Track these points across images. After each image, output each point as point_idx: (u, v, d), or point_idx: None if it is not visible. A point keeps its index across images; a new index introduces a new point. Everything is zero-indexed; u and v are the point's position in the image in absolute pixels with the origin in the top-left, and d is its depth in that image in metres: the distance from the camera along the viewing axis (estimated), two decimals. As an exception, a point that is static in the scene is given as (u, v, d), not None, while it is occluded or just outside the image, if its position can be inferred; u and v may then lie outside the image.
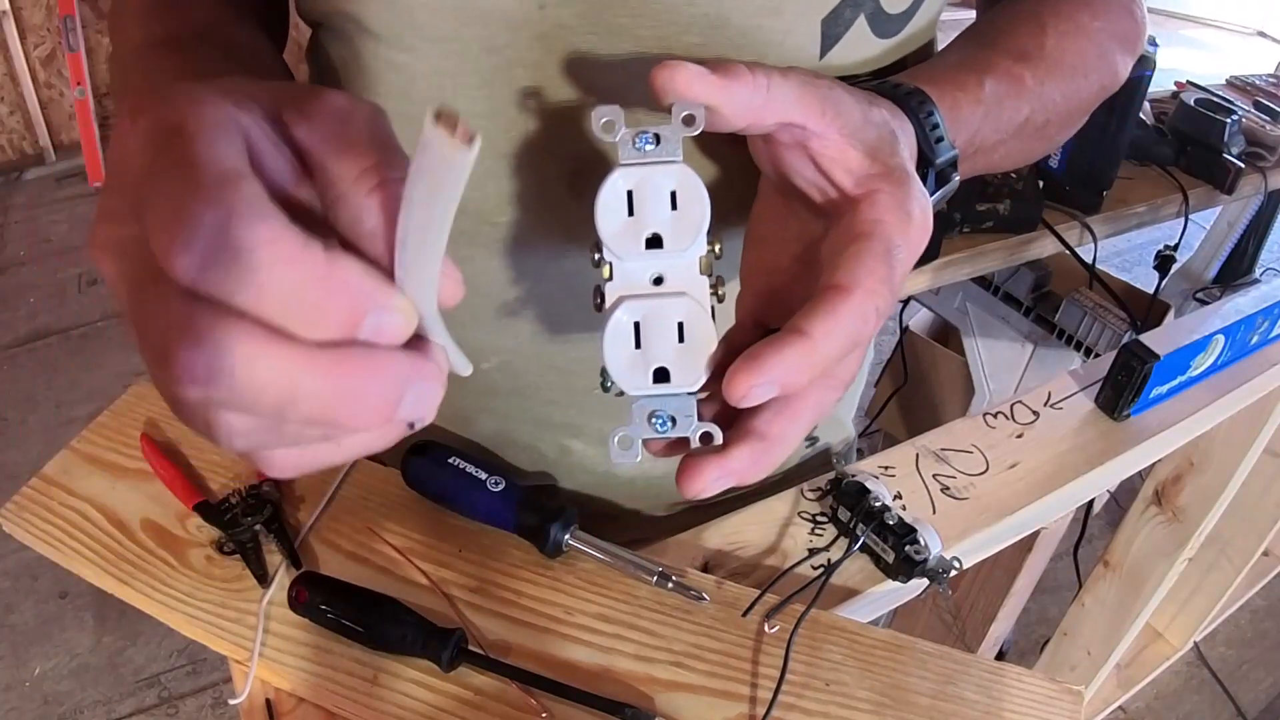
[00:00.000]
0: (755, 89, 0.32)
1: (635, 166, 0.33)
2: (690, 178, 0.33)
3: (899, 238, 0.32)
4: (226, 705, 1.55)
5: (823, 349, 0.30)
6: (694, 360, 0.32)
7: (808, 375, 0.31)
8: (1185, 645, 1.51)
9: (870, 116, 0.35)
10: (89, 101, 2.78)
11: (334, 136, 0.26)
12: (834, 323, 0.31)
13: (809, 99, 0.33)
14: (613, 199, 0.33)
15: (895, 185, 0.33)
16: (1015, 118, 0.45)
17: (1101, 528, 1.82)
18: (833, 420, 0.68)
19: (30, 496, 0.54)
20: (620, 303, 0.33)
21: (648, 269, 0.33)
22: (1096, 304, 1.39)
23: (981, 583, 0.96)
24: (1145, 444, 0.66)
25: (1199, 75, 1.49)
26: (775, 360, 0.30)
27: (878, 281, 0.31)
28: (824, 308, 0.31)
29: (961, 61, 0.44)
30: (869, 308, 0.31)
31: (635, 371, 0.33)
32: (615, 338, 0.33)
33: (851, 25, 0.43)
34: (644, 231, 0.33)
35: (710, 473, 0.32)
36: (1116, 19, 0.50)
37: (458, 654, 0.45)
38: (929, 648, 0.49)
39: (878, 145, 0.34)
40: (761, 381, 0.30)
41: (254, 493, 0.53)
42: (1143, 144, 1.30)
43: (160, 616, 0.49)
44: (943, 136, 0.39)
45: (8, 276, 2.49)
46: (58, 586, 1.70)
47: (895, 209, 0.33)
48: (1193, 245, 2.04)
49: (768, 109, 0.32)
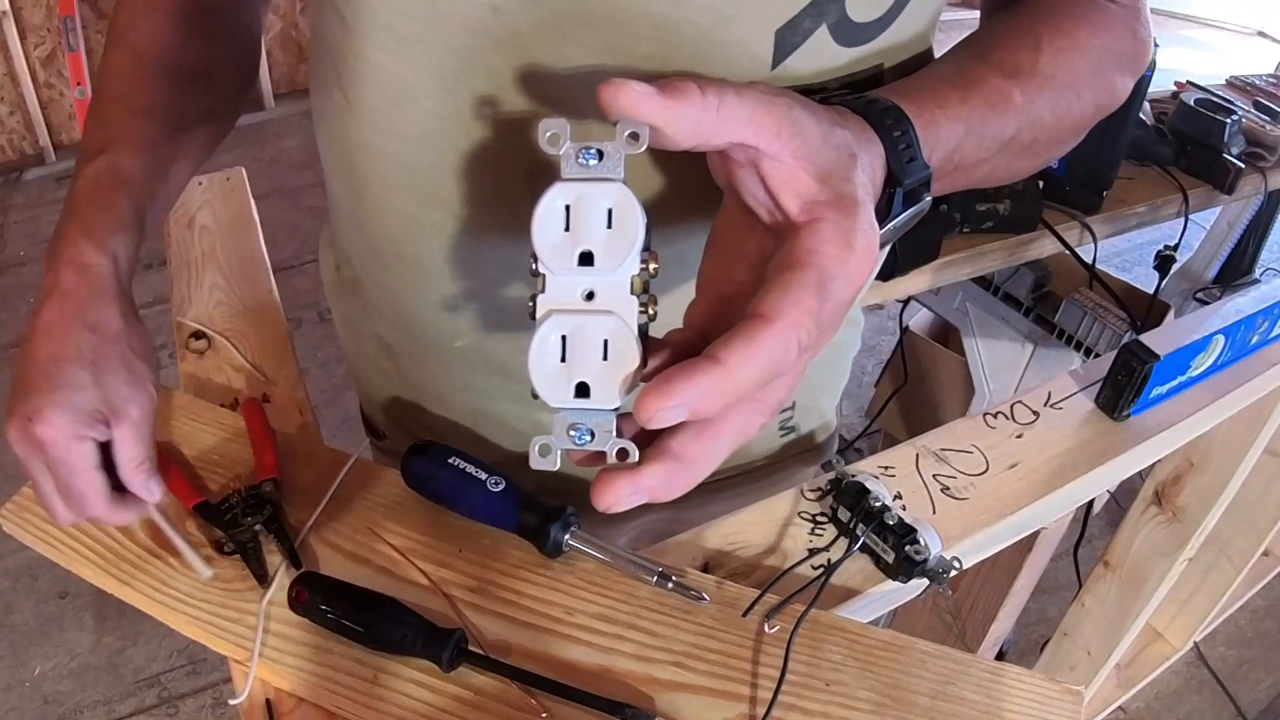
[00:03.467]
0: (704, 109, 0.32)
1: (575, 182, 0.33)
2: (627, 197, 0.33)
3: (836, 269, 0.32)
4: (226, 705, 1.55)
5: (737, 377, 0.30)
6: (615, 379, 0.33)
7: (720, 402, 0.31)
8: (1185, 645, 1.51)
9: (831, 138, 0.35)
10: (89, 102, 2.78)
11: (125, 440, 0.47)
12: (751, 352, 0.30)
13: (764, 119, 0.33)
14: (550, 213, 0.33)
15: (841, 215, 0.33)
16: (1000, 134, 0.44)
17: (1101, 528, 1.82)
18: (810, 409, 0.69)
19: (30, 496, 0.54)
20: (549, 316, 0.33)
21: (579, 285, 0.33)
22: (1096, 304, 1.39)
23: (981, 583, 0.96)
24: (1145, 444, 0.66)
25: (1199, 75, 1.49)
26: (685, 385, 0.30)
27: (803, 313, 0.31)
28: (743, 336, 0.31)
29: (948, 76, 0.44)
30: (790, 339, 0.31)
31: (558, 384, 0.33)
32: (541, 350, 0.33)
33: (811, 35, 0.43)
34: (578, 248, 0.33)
35: (623, 489, 0.33)
36: (1116, 37, 0.49)
37: (458, 654, 0.45)
38: (929, 648, 0.49)
39: (832, 170, 0.34)
40: (669, 405, 0.30)
41: (254, 493, 0.53)
42: (1143, 144, 1.30)
43: (160, 617, 0.49)
44: (915, 156, 0.38)
45: (8, 276, 2.49)
46: (58, 586, 1.70)
47: (836, 239, 0.32)
48: (1193, 245, 2.04)
49: (717, 130, 0.32)
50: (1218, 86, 1.48)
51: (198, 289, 0.76)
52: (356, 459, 0.56)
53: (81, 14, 2.75)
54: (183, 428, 0.59)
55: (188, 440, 0.58)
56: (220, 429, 0.59)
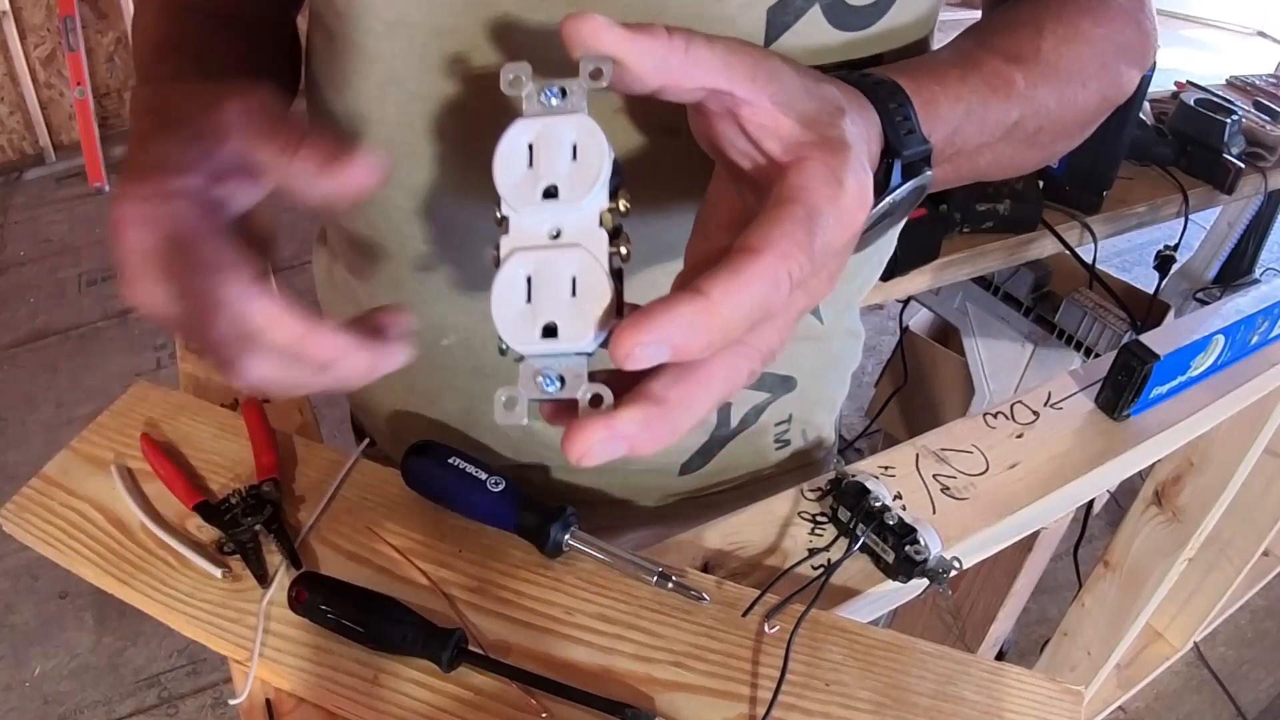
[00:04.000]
0: (671, 49, 0.30)
1: (537, 118, 0.32)
2: (591, 127, 0.31)
3: (827, 205, 0.30)
4: (226, 705, 1.55)
5: (723, 311, 0.28)
6: (585, 315, 0.30)
7: (704, 339, 0.28)
8: (1185, 645, 1.51)
9: (814, 90, 0.33)
10: (89, 101, 2.78)
11: (246, 131, 0.34)
12: (738, 285, 0.28)
13: (737, 65, 0.31)
14: (512, 151, 0.32)
15: (829, 154, 0.31)
16: (1003, 120, 0.43)
17: (1101, 528, 1.82)
18: (807, 423, 0.67)
19: (30, 496, 0.54)
20: (512, 254, 0.31)
21: (544, 222, 0.32)
22: (1096, 304, 1.39)
23: (981, 583, 0.96)
24: (1145, 444, 0.66)
25: (1199, 75, 1.49)
26: (666, 319, 0.27)
27: (793, 245, 0.29)
28: (729, 268, 0.28)
29: (948, 59, 0.43)
30: (780, 271, 0.29)
31: (524, 326, 0.31)
32: (504, 290, 0.31)
33: (803, 15, 0.42)
34: (541, 183, 0.31)
35: (595, 434, 0.29)
36: (1121, 28, 0.49)
37: (458, 654, 0.45)
38: (929, 648, 0.49)
39: (816, 115, 0.32)
40: (648, 340, 0.27)
41: (254, 493, 0.53)
42: (1143, 144, 1.30)
43: (160, 616, 0.49)
44: (913, 129, 0.37)
45: (8, 276, 2.49)
46: (58, 586, 1.70)
47: (825, 176, 0.30)
48: (1193, 245, 2.04)
49: (686, 72, 0.31)
50: (1218, 86, 1.48)
51: (198, 289, 0.76)
52: (356, 459, 0.56)
53: (81, 14, 2.75)
54: (183, 428, 0.59)
55: (188, 440, 0.58)
56: (220, 429, 0.59)
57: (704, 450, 0.63)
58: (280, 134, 0.33)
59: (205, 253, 0.33)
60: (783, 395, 0.62)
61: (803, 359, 0.61)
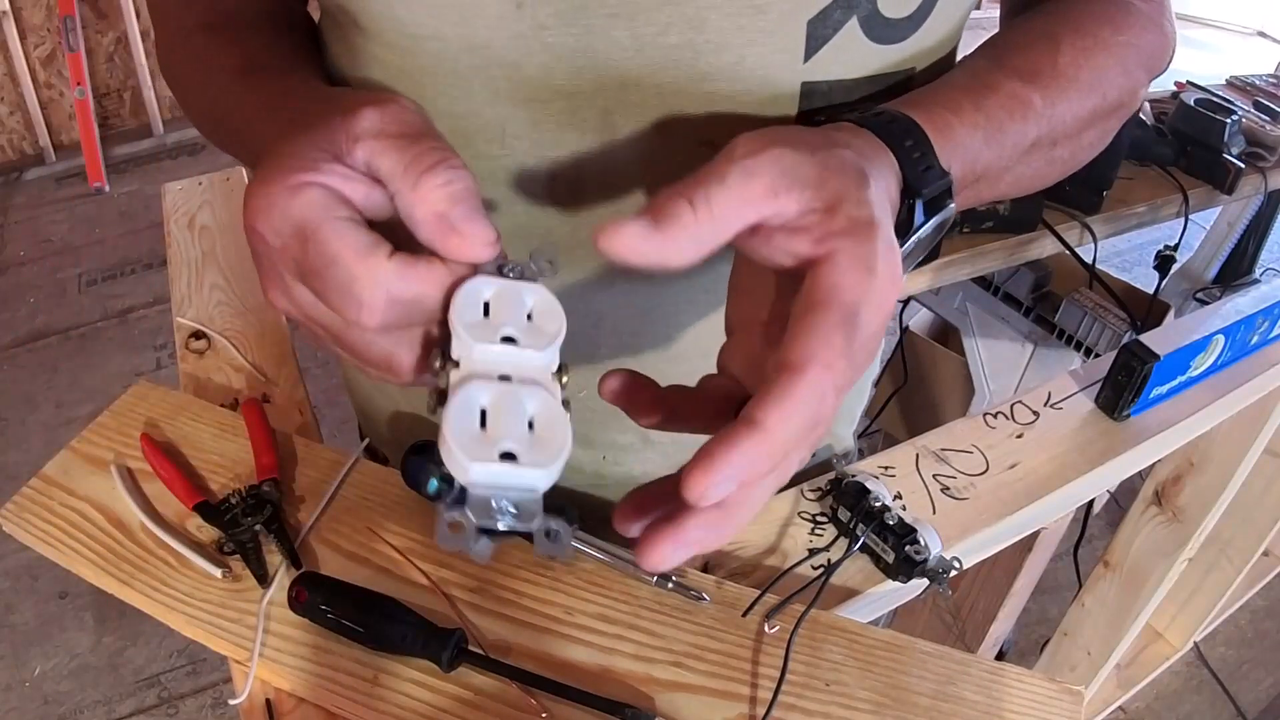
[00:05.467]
0: (699, 223, 0.31)
1: (496, 278, 0.33)
2: (548, 297, 0.33)
3: (861, 300, 0.31)
4: (226, 705, 1.55)
5: (779, 437, 0.29)
6: (546, 447, 0.30)
7: (767, 465, 0.29)
8: (1185, 645, 1.52)
9: (831, 164, 0.33)
10: (89, 101, 2.78)
11: (377, 149, 0.33)
12: (788, 408, 0.29)
13: (756, 191, 0.31)
14: (469, 299, 0.32)
15: (857, 241, 0.31)
16: (1020, 141, 0.43)
17: (1101, 528, 1.82)
18: (832, 437, 0.68)
19: (30, 496, 0.54)
20: (470, 380, 0.31)
21: (499, 364, 0.32)
22: (1096, 304, 1.39)
23: (981, 583, 0.96)
24: (1145, 444, 0.66)
25: (1199, 75, 1.48)
26: (729, 457, 0.29)
27: (834, 355, 0.30)
28: (777, 392, 0.29)
29: (963, 83, 0.43)
30: (826, 385, 0.29)
31: (481, 448, 0.30)
32: (460, 413, 0.30)
33: (841, 28, 0.42)
34: (500, 330, 0.32)
35: (666, 546, 0.30)
36: (1142, 33, 0.48)
37: (458, 654, 0.45)
38: (929, 648, 0.49)
39: (841, 195, 0.32)
40: (718, 481, 0.29)
41: (254, 493, 0.53)
42: (1143, 144, 1.30)
43: (160, 617, 0.49)
44: (931, 164, 0.37)
45: (8, 276, 2.49)
46: (58, 586, 1.70)
47: (856, 268, 0.31)
48: (1193, 245, 2.03)
49: (717, 235, 0.31)
50: (1218, 86, 1.48)
51: (198, 289, 0.76)
52: (357, 459, 0.56)
53: (81, 14, 2.75)
54: (183, 428, 0.59)
55: (188, 440, 0.58)
56: (220, 429, 0.59)
57: None
58: (409, 153, 0.32)
59: (329, 239, 0.32)
60: None
61: None
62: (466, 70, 0.43)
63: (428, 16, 0.42)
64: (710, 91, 0.43)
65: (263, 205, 0.32)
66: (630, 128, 0.44)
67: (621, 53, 0.41)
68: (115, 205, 2.76)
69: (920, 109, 0.39)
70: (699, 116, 0.34)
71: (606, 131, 0.44)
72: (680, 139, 0.44)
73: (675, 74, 0.42)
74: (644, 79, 0.42)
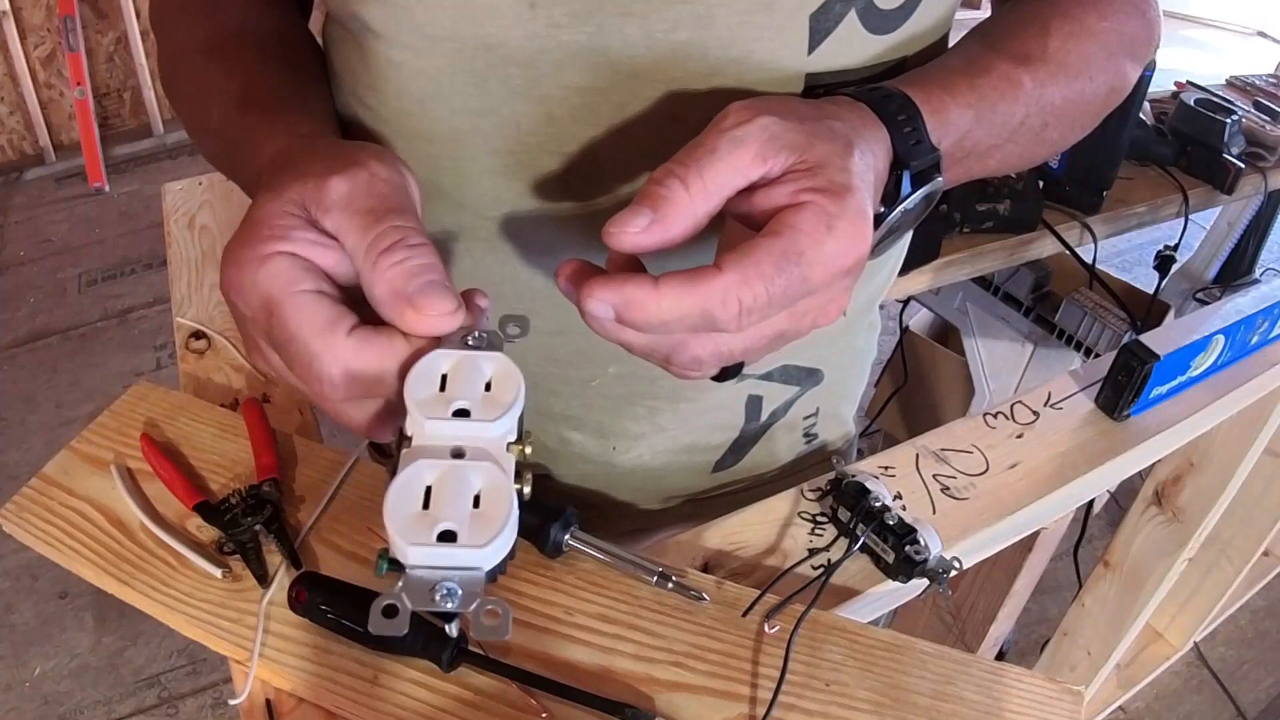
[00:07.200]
0: (693, 199, 0.33)
1: (455, 351, 0.33)
2: (508, 364, 0.34)
3: (810, 248, 0.32)
4: (226, 705, 1.55)
5: (664, 305, 0.32)
6: (489, 525, 0.30)
7: (640, 316, 0.32)
8: (1185, 645, 1.51)
9: (819, 132, 0.35)
10: (89, 101, 2.78)
11: (343, 224, 0.34)
12: (686, 291, 0.31)
13: (744, 158, 0.34)
14: (425, 373, 0.33)
15: (828, 199, 0.33)
16: (1010, 121, 0.45)
17: (1101, 528, 1.82)
18: (832, 417, 0.69)
19: (30, 496, 0.54)
20: (415, 460, 0.31)
21: (452, 437, 0.32)
22: (1096, 304, 1.39)
23: (981, 583, 0.96)
24: (1145, 444, 0.66)
25: (1199, 75, 1.48)
26: (619, 286, 0.32)
27: (755, 275, 0.32)
28: (688, 275, 0.32)
29: (957, 65, 0.44)
30: (731, 295, 0.32)
31: (418, 529, 0.30)
32: (401, 494, 0.30)
33: (841, 20, 0.43)
34: (453, 404, 0.32)
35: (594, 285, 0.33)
36: (1126, 20, 0.50)
37: (458, 654, 0.45)
38: (929, 648, 0.49)
39: (823, 162, 0.34)
40: (599, 297, 0.32)
41: (254, 493, 0.53)
42: (1143, 144, 1.30)
43: (160, 617, 0.49)
44: (921, 139, 0.39)
45: (8, 276, 2.49)
46: (58, 586, 1.70)
47: (817, 219, 0.33)
48: (1193, 245, 2.03)
49: (710, 205, 0.34)
50: (1218, 86, 1.48)
51: (198, 289, 0.76)
52: (356, 459, 0.56)
53: (81, 14, 2.75)
54: (183, 428, 0.59)
55: (188, 440, 0.58)
56: (220, 429, 0.59)
57: (736, 447, 0.64)
58: (371, 233, 0.34)
59: (290, 315, 0.33)
60: (810, 389, 0.63)
61: (828, 353, 0.63)
62: (482, 69, 0.44)
63: (445, 18, 0.42)
64: (719, 85, 0.44)
65: (234, 276, 0.34)
66: (642, 121, 0.45)
67: (633, 49, 0.42)
68: (115, 205, 2.76)
69: (916, 86, 0.40)
70: (708, 109, 0.36)
71: (619, 125, 0.45)
72: (690, 131, 0.45)
73: (685, 69, 0.43)
74: (655, 74, 0.43)
